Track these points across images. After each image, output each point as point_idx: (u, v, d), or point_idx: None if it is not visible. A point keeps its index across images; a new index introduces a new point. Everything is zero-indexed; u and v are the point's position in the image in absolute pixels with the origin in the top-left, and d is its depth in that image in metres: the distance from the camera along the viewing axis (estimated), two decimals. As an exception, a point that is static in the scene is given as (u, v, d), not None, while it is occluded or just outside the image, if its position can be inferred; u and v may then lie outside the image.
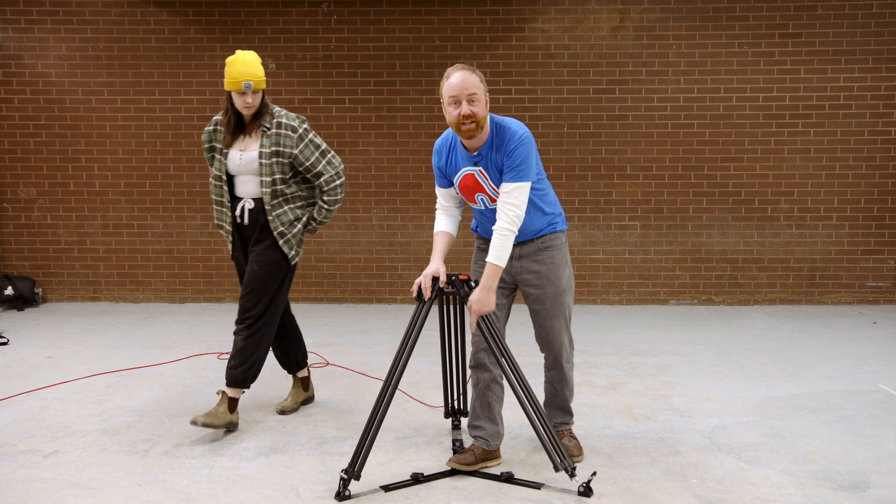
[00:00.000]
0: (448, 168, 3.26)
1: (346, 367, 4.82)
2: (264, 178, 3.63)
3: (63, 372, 4.69)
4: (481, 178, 3.16)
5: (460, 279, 3.21)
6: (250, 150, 3.65)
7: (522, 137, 3.06)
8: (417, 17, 6.56)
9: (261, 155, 3.62)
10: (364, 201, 6.75)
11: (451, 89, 3.01)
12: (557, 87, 6.57)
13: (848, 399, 4.18)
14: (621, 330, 5.85)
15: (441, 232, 3.35)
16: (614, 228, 6.70)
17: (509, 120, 3.15)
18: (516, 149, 3.04)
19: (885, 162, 6.56)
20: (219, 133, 3.72)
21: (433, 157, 3.32)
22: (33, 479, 3.20)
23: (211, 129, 3.75)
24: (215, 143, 3.73)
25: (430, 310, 3.18)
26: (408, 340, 3.14)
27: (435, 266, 3.20)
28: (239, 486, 3.12)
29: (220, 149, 3.70)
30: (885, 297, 6.68)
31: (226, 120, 3.67)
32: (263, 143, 3.64)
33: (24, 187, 6.77)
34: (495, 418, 3.33)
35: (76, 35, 6.60)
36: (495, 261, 3.04)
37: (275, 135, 3.64)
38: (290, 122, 3.68)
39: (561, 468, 3.02)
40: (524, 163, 3.04)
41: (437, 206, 3.41)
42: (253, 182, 3.67)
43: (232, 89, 3.58)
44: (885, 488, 3.08)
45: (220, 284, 6.84)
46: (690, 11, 6.47)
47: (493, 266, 3.05)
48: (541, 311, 3.30)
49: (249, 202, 3.69)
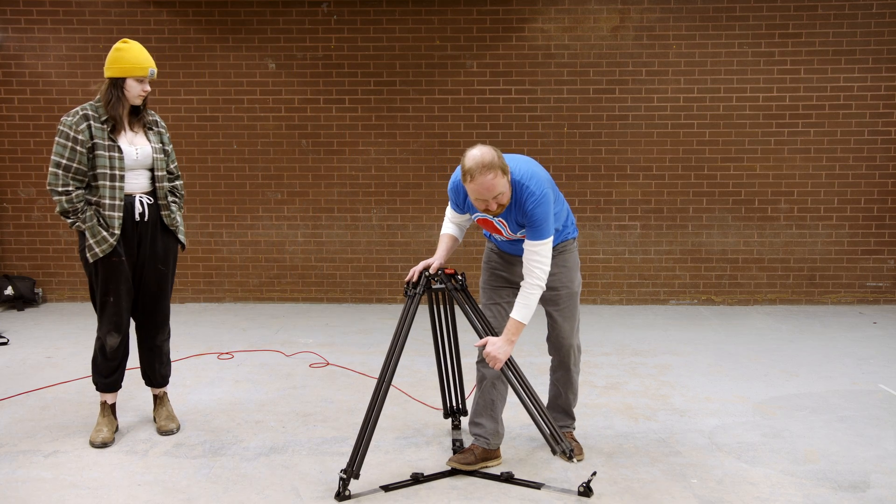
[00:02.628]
0: (466, 207, 3.27)
1: (346, 367, 4.82)
2: (159, 173, 3.56)
3: (63, 372, 4.69)
4: (499, 225, 3.21)
5: (446, 273, 3.25)
6: (141, 145, 3.53)
7: (540, 198, 3.04)
8: (417, 17, 6.56)
9: (154, 150, 3.56)
10: (364, 201, 6.75)
11: (476, 193, 2.97)
12: (557, 87, 6.57)
13: (848, 399, 4.18)
14: (621, 330, 5.85)
15: (447, 234, 3.38)
16: (614, 228, 6.70)
17: (526, 173, 3.08)
18: (534, 209, 3.03)
19: (885, 162, 6.56)
20: (95, 128, 3.41)
21: (450, 188, 3.28)
22: (33, 479, 3.20)
23: (86, 125, 3.40)
24: (97, 139, 3.41)
25: (418, 304, 3.20)
26: (398, 337, 3.15)
27: (431, 259, 3.26)
28: (239, 486, 3.12)
29: (105, 144, 3.42)
30: (885, 297, 6.68)
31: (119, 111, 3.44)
32: (151, 137, 3.58)
33: (24, 187, 6.77)
34: (497, 417, 3.34)
35: (76, 35, 6.60)
36: (521, 318, 3.07)
37: (160, 129, 3.64)
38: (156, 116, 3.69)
39: (558, 451, 3.05)
40: (544, 222, 3.05)
41: (446, 217, 3.42)
42: (144, 177, 3.55)
43: (134, 75, 3.42)
44: (885, 488, 3.08)
45: (220, 284, 6.84)
46: (690, 11, 6.47)
47: (517, 323, 3.07)
48: (554, 313, 3.34)
49: (146, 198, 3.54)
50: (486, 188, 2.93)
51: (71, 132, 3.37)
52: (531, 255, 3.06)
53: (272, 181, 6.73)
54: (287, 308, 6.64)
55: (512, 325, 3.07)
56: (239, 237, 6.79)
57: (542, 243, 3.05)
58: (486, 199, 2.97)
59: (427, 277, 3.24)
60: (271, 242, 6.80)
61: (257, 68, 6.62)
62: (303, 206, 6.75)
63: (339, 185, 6.71)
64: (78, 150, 3.38)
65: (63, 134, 3.38)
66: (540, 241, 3.05)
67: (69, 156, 3.37)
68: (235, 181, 6.72)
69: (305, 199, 6.74)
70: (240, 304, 6.80)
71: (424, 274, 3.24)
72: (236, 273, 6.82)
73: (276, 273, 6.82)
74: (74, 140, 3.37)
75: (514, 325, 3.07)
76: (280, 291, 6.84)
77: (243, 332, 5.74)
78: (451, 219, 3.39)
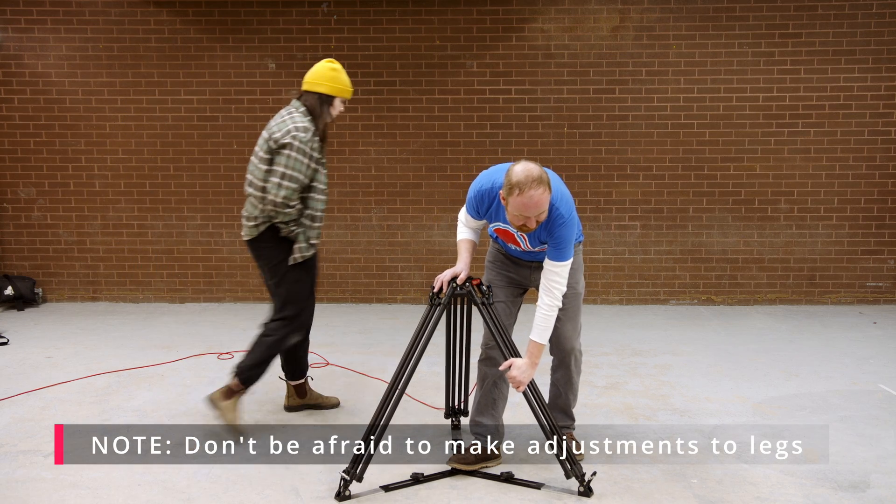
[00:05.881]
0: (487, 216, 3.22)
1: (346, 367, 4.82)
2: None
3: (63, 372, 4.69)
4: (520, 238, 3.18)
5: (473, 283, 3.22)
6: None
7: (568, 220, 3.01)
8: (417, 17, 6.55)
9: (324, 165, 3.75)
10: (364, 201, 6.74)
11: (522, 208, 2.87)
12: (557, 87, 6.57)
13: (848, 399, 4.18)
14: (621, 330, 5.85)
15: (467, 240, 3.33)
16: (614, 228, 6.70)
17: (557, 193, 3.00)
18: (560, 229, 3.01)
19: (885, 162, 6.55)
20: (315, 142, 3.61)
21: (472, 194, 3.19)
22: (33, 479, 3.20)
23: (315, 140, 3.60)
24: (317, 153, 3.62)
25: (441, 313, 3.18)
26: (417, 344, 3.14)
27: (459, 268, 3.22)
28: (239, 486, 3.12)
29: (321, 160, 3.66)
30: (885, 297, 6.68)
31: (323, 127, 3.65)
32: None
33: (24, 187, 6.77)
34: (498, 416, 3.35)
35: (76, 35, 6.60)
36: (539, 339, 3.08)
37: None
38: None
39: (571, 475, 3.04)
40: (568, 244, 3.04)
41: (461, 223, 3.37)
42: None
43: (345, 97, 3.68)
44: (885, 488, 3.08)
45: (220, 284, 6.84)
46: (690, 11, 6.47)
47: (536, 344, 3.08)
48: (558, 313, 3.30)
49: None
50: (534, 203, 2.84)
51: (307, 149, 3.54)
52: (551, 276, 3.05)
53: (272, 181, 6.72)
54: (287, 308, 6.64)
55: (534, 348, 3.07)
56: (239, 237, 6.78)
57: (563, 265, 3.05)
58: (529, 215, 2.88)
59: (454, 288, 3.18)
60: (271, 242, 6.78)
61: (257, 68, 6.62)
62: (303, 206, 6.74)
63: (339, 185, 6.71)
64: (312, 167, 3.59)
65: (302, 151, 3.52)
66: (561, 263, 3.05)
67: (306, 172, 3.55)
68: (235, 181, 6.71)
69: (305, 199, 6.74)
70: (240, 304, 6.80)
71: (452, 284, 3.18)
72: (236, 273, 6.82)
73: (276, 273, 6.81)
74: (310, 157, 3.56)
75: (535, 347, 3.07)
76: (280, 291, 6.83)
77: (243, 332, 5.74)
78: (467, 223, 3.34)
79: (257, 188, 3.63)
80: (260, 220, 3.63)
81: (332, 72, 3.65)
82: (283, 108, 3.71)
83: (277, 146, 3.54)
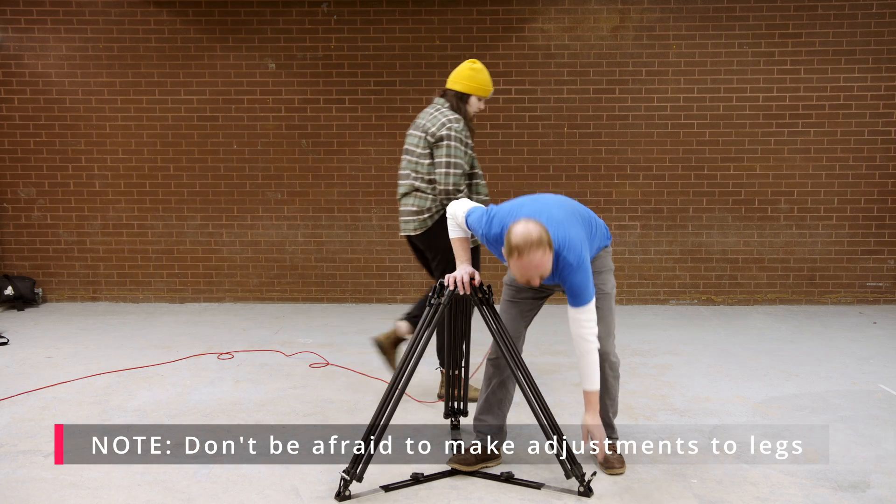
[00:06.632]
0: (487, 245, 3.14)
1: (346, 367, 4.81)
2: None
3: (63, 372, 4.69)
4: None
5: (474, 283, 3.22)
6: None
7: (577, 266, 2.92)
8: (417, 17, 6.55)
9: None
10: (364, 201, 6.74)
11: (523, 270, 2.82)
12: (557, 87, 6.57)
13: (848, 399, 4.18)
14: (621, 330, 5.80)
15: (461, 238, 3.30)
16: (614, 228, 6.69)
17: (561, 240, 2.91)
18: (572, 277, 2.93)
19: (885, 162, 6.55)
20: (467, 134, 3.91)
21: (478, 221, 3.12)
22: (33, 479, 3.20)
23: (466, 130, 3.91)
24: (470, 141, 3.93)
25: (443, 314, 3.18)
26: (416, 344, 3.14)
27: (471, 267, 3.22)
28: (239, 486, 3.12)
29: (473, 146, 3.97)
30: (885, 297, 6.68)
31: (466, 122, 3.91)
32: None
33: (24, 187, 6.77)
34: (502, 416, 3.34)
35: (76, 35, 6.60)
36: (592, 386, 3.03)
37: None
38: None
39: (571, 475, 3.03)
40: (585, 288, 2.95)
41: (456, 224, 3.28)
42: None
43: (482, 95, 3.93)
44: (885, 488, 3.08)
45: (220, 284, 6.84)
46: (690, 11, 6.47)
47: (590, 392, 3.03)
48: None
49: None
50: (534, 266, 2.80)
51: (462, 137, 3.86)
52: (578, 325, 2.97)
53: (272, 181, 6.73)
54: (287, 308, 6.64)
55: (590, 397, 3.03)
56: (239, 237, 6.79)
57: (586, 308, 2.96)
58: (531, 276, 2.84)
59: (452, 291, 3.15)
60: (271, 242, 6.79)
61: (257, 68, 6.62)
62: (303, 206, 6.75)
63: (339, 185, 6.71)
64: (469, 154, 3.92)
65: (459, 140, 3.85)
66: (583, 308, 2.96)
67: (465, 159, 3.88)
68: (235, 181, 6.71)
69: (305, 199, 6.74)
70: (240, 304, 6.80)
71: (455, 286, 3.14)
72: (236, 273, 6.82)
73: (276, 273, 6.82)
74: (466, 144, 3.88)
75: (590, 395, 3.03)
76: (280, 291, 6.84)
77: (243, 332, 5.74)
78: (461, 226, 3.27)
79: (426, 181, 3.91)
80: (434, 211, 3.91)
81: (470, 71, 3.91)
82: (429, 106, 4.02)
83: (435, 139, 3.85)
